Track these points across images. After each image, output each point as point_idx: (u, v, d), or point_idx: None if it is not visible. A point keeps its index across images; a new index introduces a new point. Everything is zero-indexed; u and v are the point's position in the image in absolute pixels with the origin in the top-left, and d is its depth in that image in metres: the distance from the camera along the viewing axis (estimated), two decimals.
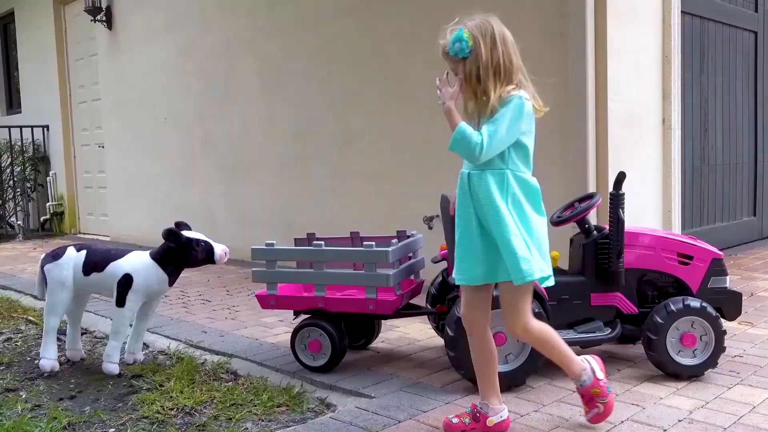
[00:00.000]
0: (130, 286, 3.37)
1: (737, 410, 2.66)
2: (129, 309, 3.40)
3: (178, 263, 3.42)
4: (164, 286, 3.46)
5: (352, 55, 5.69)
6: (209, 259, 3.39)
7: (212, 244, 3.40)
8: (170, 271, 3.42)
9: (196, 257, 3.37)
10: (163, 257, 3.40)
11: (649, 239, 3.25)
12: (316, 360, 3.28)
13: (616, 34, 4.40)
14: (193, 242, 3.36)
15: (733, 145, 6.54)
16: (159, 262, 3.40)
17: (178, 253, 3.38)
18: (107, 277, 3.42)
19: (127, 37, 8.22)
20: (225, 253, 3.39)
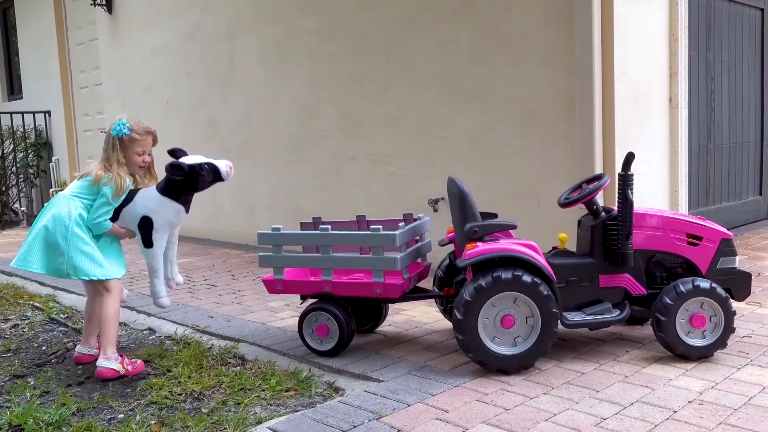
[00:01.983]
0: (151, 226, 3.34)
1: (747, 391, 2.65)
2: (157, 247, 3.39)
3: (187, 191, 3.36)
4: (182, 215, 3.40)
5: (355, 37, 5.63)
6: (217, 179, 3.35)
7: (215, 163, 3.33)
8: (183, 200, 3.36)
9: (204, 181, 3.32)
10: (173, 190, 3.33)
11: (657, 220, 3.23)
12: (324, 344, 3.27)
13: (623, 13, 4.34)
14: (196, 168, 3.29)
15: (740, 123, 6.48)
16: (170, 196, 3.33)
17: (185, 183, 3.31)
18: (125, 222, 3.38)
19: (128, 21, 8.16)
20: (230, 168, 3.35)
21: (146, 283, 5.12)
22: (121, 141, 3.28)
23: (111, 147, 3.29)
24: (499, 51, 4.70)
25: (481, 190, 4.54)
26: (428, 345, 3.40)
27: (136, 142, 3.31)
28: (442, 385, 2.84)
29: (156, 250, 3.39)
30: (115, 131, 3.28)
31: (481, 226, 3.04)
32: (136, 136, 3.30)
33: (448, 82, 5.02)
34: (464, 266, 3.02)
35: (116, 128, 3.28)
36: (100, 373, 3.24)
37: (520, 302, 2.92)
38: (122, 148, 3.29)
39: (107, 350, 3.29)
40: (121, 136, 3.27)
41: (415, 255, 3.38)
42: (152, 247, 3.38)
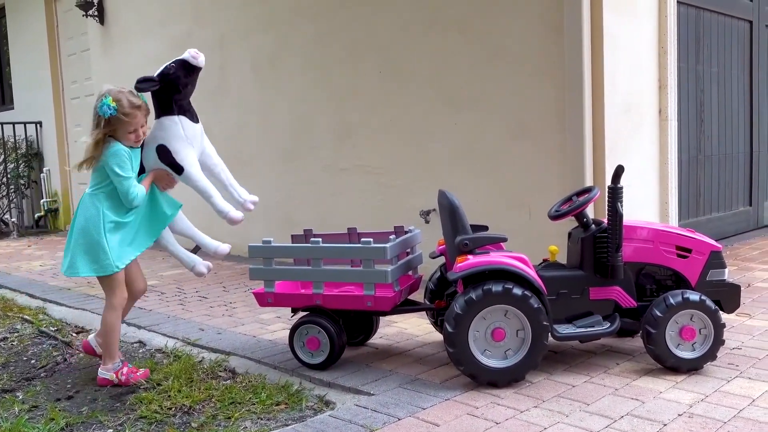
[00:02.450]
0: (168, 151, 3.26)
1: (737, 403, 2.66)
2: (189, 165, 3.29)
3: (174, 98, 3.25)
4: (191, 126, 3.30)
5: (347, 47, 5.65)
6: (190, 69, 3.24)
7: (178, 59, 3.24)
8: (178, 111, 3.26)
9: (179, 77, 3.22)
10: (162, 106, 3.26)
11: (647, 232, 3.24)
12: (315, 357, 3.27)
13: (613, 25, 4.38)
14: (164, 73, 3.22)
15: (729, 134, 6.53)
16: (164, 113, 3.26)
17: (165, 91, 3.23)
18: (151, 163, 3.32)
19: (120, 32, 8.16)
20: (195, 52, 3.23)
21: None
22: (107, 121, 3.11)
23: (95, 124, 3.14)
24: (490, 62, 4.73)
25: (473, 202, 4.56)
26: (419, 358, 3.39)
27: (123, 123, 3.13)
28: (433, 398, 2.84)
29: (189, 170, 3.28)
30: (100, 111, 3.10)
31: (471, 239, 3.04)
32: (123, 117, 3.11)
33: (440, 93, 5.04)
34: (455, 279, 3.02)
35: (102, 108, 3.10)
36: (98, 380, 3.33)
37: (510, 315, 2.92)
38: (108, 126, 3.11)
39: (105, 361, 3.33)
40: (107, 116, 3.10)
41: (406, 267, 3.38)
42: (184, 170, 3.28)
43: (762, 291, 4.40)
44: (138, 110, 3.18)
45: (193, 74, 3.28)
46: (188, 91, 3.32)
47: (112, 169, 3.16)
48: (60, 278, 6.02)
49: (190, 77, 3.28)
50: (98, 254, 3.22)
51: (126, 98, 3.15)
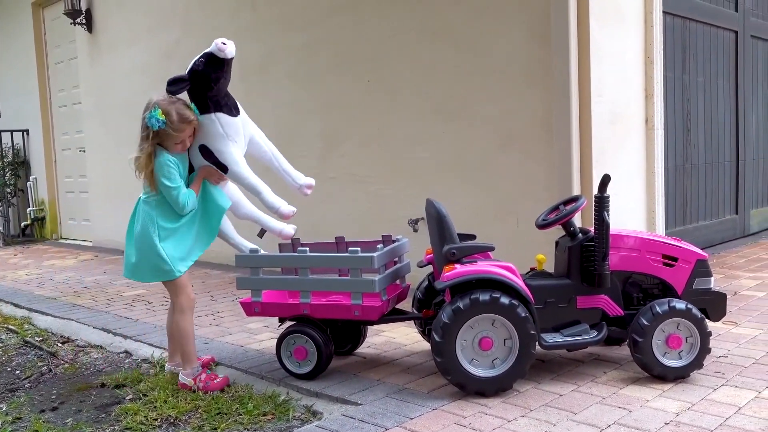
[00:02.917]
0: (210, 151, 3.21)
1: (723, 412, 2.67)
2: (233, 163, 3.21)
3: (207, 95, 3.16)
4: (229, 121, 3.21)
5: (336, 56, 5.66)
6: (217, 63, 3.12)
7: (206, 52, 3.12)
8: (213, 106, 3.18)
9: (208, 72, 3.10)
10: (198, 105, 3.19)
11: (633, 241, 3.25)
12: (302, 367, 3.25)
13: (599, 35, 4.41)
14: (193, 70, 3.12)
15: (715, 143, 6.58)
16: (201, 112, 3.19)
17: (195, 88, 3.15)
18: (199, 162, 3.27)
19: (108, 40, 8.14)
20: (222, 43, 3.09)
21: (124, 305, 5.09)
22: (156, 132, 3.08)
23: (144, 136, 3.12)
24: (478, 72, 4.74)
25: (461, 211, 4.56)
26: (407, 367, 3.38)
27: (171, 136, 3.11)
28: (421, 408, 2.83)
29: (234, 168, 3.21)
30: (149, 122, 3.06)
31: (458, 248, 3.04)
32: (171, 132, 3.09)
33: (428, 102, 5.05)
34: (442, 288, 3.02)
35: (150, 120, 3.05)
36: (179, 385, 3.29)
37: (498, 324, 2.92)
38: (157, 138, 3.10)
39: (185, 365, 3.31)
40: (156, 129, 3.07)
41: (394, 277, 3.37)
42: (229, 170, 3.22)
43: (748, 299, 4.42)
44: (188, 125, 3.15)
45: (224, 67, 3.15)
46: (221, 85, 3.19)
47: (160, 180, 3.14)
48: (46, 287, 5.99)
49: (221, 71, 3.14)
50: (157, 261, 3.21)
51: (175, 111, 3.10)
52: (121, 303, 5.19)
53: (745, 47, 6.91)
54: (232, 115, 3.25)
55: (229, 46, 3.11)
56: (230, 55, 3.14)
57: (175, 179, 3.16)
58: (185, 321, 3.31)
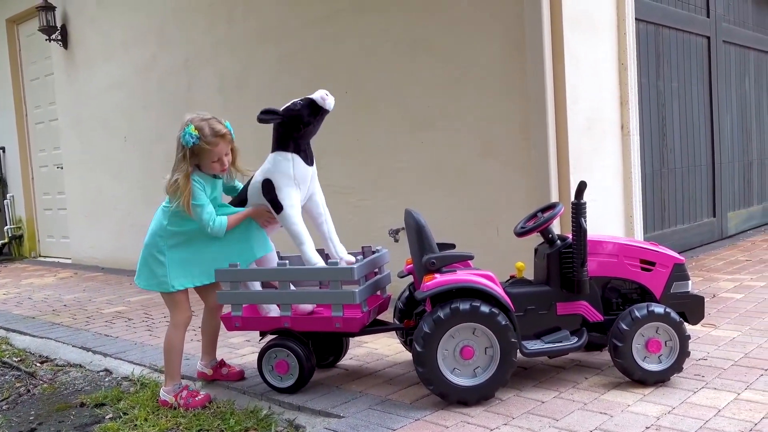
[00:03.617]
0: (273, 187, 3.15)
1: (703, 414, 2.69)
2: (288, 206, 3.15)
3: (293, 136, 3.15)
4: (302, 167, 3.17)
5: (313, 69, 5.67)
6: (316, 110, 3.12)
7: (308, 97, 3.13)
8: (294, 148, 3.16)
9: (303, 115, 3.10)
10: (279, 141, 3.17)
11: (611, 247, 3.28)
12: (284, 381, 3.23)
13: (573, 42, 4.45)
14: (289, 108, 3.12)
15: (691, 147, 6.66)
16: (280, 149, 3.17)
17: (286, 127, 3.13)
18: (255, 199, 3.24)
19: (84, 56, 8.10)
20: (325, 93, 3.11)
21: (104, 323, 5.04)
22: (191, 150, 3.08)
23: (181, 156, 3.11)
24: (455, 82, 4.77)
25: (441, 220, 4.57)
26: (390, 378, 3.38)
27: (207, 151, 3.11)
28: (403, 419, 2.82)
29: (288, 211, 3.14)
30: (183, 140, 3.07)
31: (438, 258, 3.05)
32: (205, 146, 3.09)
33: (407, 112, 5.07)
34: (423, 298, 3.02)
35: (184, 137, 3.06)
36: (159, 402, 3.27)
37: (479, 333, 2.92)
38: (193, 157, 3.10)
39: (166, 382, 3.29)
40: (191, 146, 3.08)
41: (374, 288, 3.37)
42: (283, 209, 3.16)
43: (727, 301, 4.46)
44: (222, 139, 3.13)
45: (319, 116, 3.16)
46: (309, 131, 3.19)
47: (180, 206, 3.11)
48: (24, 307, 5.91)
49: (315, 118, 3.15)
50: (156, 269, 3.21)
51: (208, 126, 3.11)
52: (101, 321, 5.14)
53: (718, 52, 7.01)
54: (307, 163, 3.21)
55: (330, 99, 3.13)
56: (329, 107, 3.15)
57: (201, 197, 3.13)
58: (176, 337, 3.30)
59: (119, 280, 7.09)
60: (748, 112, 7.79)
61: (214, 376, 3.48)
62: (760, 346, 3.50)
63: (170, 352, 3.29)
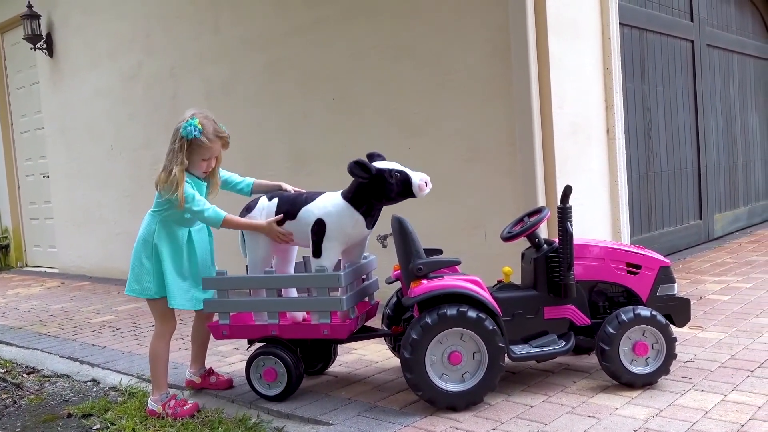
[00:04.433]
0: (323, 232, 3.06)
1: (690, 417, 2.70)
2: (327, 259, 3.08)
3: (371, 200, 3.08)
4: (361, 229, 3.11)
5: (300, 76, 5.67)
6: (407, 192, 3.03)
7: (408, 173, 3.03)
8: (365, 210, 3.08)
9: (392, 190, 3.02)
10: (355, 195, 3.08)
11: (597, 250, 3.29)
12: (272, 389, 3.22)
13: (558, 48, 4.48)
14: (385, 173, 3.01)
15: (677, 151, 6.71)
16: (351, 202, 3.08)
17: (369, 188, 3.04)
18: (301, 224, 3.13)
19: (70, 64, 8.06)
20: (425, 183, 3.02)
21: (91, 332, 5.00)
22: (189, 142, 3.09)
23: (178, 147, 3.09)
24: (441, 88, 4.79)
25: (429, 225, 4.58)
26: (378, 384, 3.37)
27: (204, 147, 3.13)
28: (393, 425, 2.82)
29: (324, 262, 3.07)
30: (184, 131, 3.07)
31: (425, 263, 3.05)
32: (205, 141, 3.11)
33: (393, 119, 5.08)
34: (410, 304, 3.02)
35: (186, 128, 3.07)
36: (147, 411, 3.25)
37: (466, 338, 2.93)
38: (188, 150, 3.11)
39: (154, 391, 3.28)
40: (191, 138, 3.08)
41: (362, 294, 3.36)
42: (320, 260, 3.09)
43: (714, 303, 4.49)
44: (220, 140, 3.18)
45: (406, 196, 3.09)
46: (385, 203, 3.14)
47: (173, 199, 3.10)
48: (10, 317, 5.87)
49: (400, 198, 3.10)
50: (142, 275, 3.21)
51: (211, 125, 3.15)
52: (88, 330, 5.11)
53: (702, 56, 7.07)
54: (367, 227, 3.16)
55: (427, 190, 3.07)
56: (420, 195, 3.09)
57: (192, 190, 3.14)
58: (159, 346, 3.29)
59: (107, 289, 7.05)
60: (732, 115, 7.86)
61: (202, 385, 3.47)
62: (746, 347, 3.53)
63: (155, 361, 3.28)
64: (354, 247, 3.28)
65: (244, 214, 3.31)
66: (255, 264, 3.27)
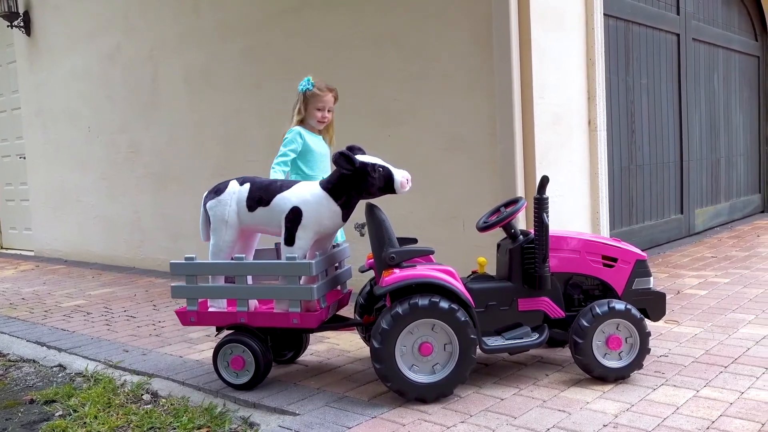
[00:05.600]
0: (299, 221, 3.01)
1: (661, 412, 2.67)
2: (299, 248, 3.03)
3: (351, 193, 3.06)
4: (337, 220, 3.09)
5: (280, 62, 5.57)
6: (388, 188, 3.02)
7: (391, 169, 3.03)
8: (343, 202, 3.06)
9: (373, 185, 3.01)
10: (335, 186, 3.05)
11: (574, 242, 3.25)
12: (240, 377, 3.16)
13: (541, 37, 4.42)
14: (369, 167, 3.00)
15: (660, 144, 6.68)
16: (330, 192, 3.05)
17: (351, 180, 3.02)
18: (274, 211, 3.07)
19: (48, 44, 7.90)
20: (407, 180, 3.02)
21: (61, 317, 4.91)
22: (304, 96, 3.70)
23: (297, 101, 3.76)
24: (422, 76, 4.72)
25: (407, 215, 4.53)
26: (349, 374, 3.32)
27: (316, 97, 3.70)
28: (360, 416, 2.76)
29: (296, 251, 3.03)
30: (301, 87, 3.71)
31: (398, 252, 2.99)
32: (317, 91, 3.69)
33: (374, 107, 5.00)
34: (381, 293, 2.96)
35: (302, 84, 3.71)
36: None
37: (438, 329, 2.88)
38: (305, 103, 3.72)
39: None
40: (305, 91, 3.69)
41: (334, 283, 3.30)
42: (292, 246, 3.05)
43: (691, 297, 4.47)
44: (330, 92, 3.75)
45: (386, 192, 3.08)
46: (364, 197, 3.13)
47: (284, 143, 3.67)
48: None
49: (380, 193, 3.08)
50: None
51: (322, 82, 3.76)
52: (59, 314, 5.01)
53: (687, 50, 7.04)
54: (341, 218, 3.13)
55: (408, 187, 3.08)
56: (401, 192, 3.08)
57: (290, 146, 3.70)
58: None
59: (81, 273, 6.94)
60: (716, 109, 7.85)
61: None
62: (721, 342, 3.50)
63: None
64: (325, 238, 3.23)
65: (212, 196, 3.22)
66: (219, 248, 3.19)
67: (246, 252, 3.34)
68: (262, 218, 3.14)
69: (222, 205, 3.18)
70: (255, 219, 3.16)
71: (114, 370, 3.65)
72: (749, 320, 3.89)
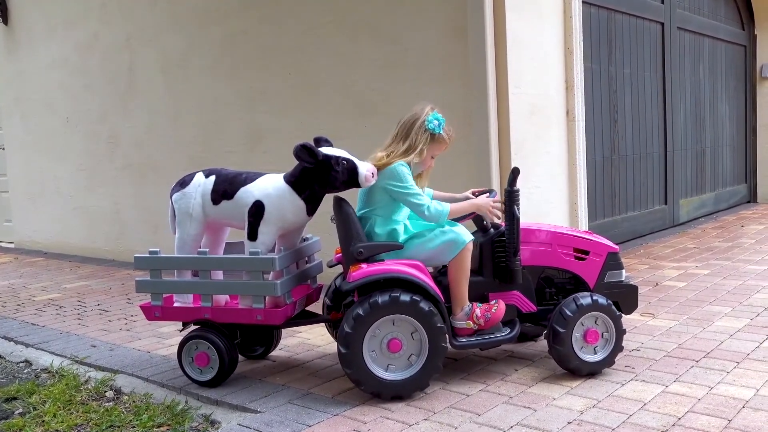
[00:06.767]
0: (261, 215, 2.94)
1: (628, 408, 2.62)
2: (262, 243, 2.96)
3: (315, 187, 2.97)
4: (301, 215, 3.01)
5: (257, 50, 5.49)
6: (352, 181, 2.92)
7: (355, 162, 2.93)
8: (307, 196, 2.97)
9: (336, 178, 2.92)
10: (298, 180, 2.96)
11: (545, 235, 3.19)
12: (204, 374, 3.10)
13: (517, 26, 4.34)
14: (332, 160, 2.90)
15: (643, 135, 6.63)
16: (294, 186, 2.97)
17: (314, 174, 2.93)
18: (238, 204, 3.00)
19: (25, 33, 7.78)
20: (371, 173, 2.90)
21: (33, 311, 4.84)
22: (431, 137, 2.99)
23: (415, 134, 2.98)
24: (399, 65, 4.64)
25: None
26: (316, 370, 3.26)
27: (441, 144, 3.05)
28: (321, 414, 2.71)
29: (259, 246, 2.96)
30: (431, 124, 2.98)
31: (366, 247, 2.93)
32: (446, 138, 3.04)
33: (350, 95, 4.93)
34: (348, 289, 2.90)
35: (432, 122, 2.98)
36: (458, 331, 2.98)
37: (398, 322, 2.80)
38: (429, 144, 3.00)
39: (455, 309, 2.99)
40: (434, 132, 2.99)
41: (302, 278, 3.24)
42: (255, 242, 2.97)
43: (668, 290, 4.43)
44: (450, 140, 3.09)
45: (351, 186, 2.97)
46: (329, 191, 3.03)
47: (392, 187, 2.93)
48: None
49: (344, 186, 2.97)
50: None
51: (450, 127, 3.07)
52: (31, 308, 4.94)
53: (672, 39, 6.98)
54: (307, 213, 3.05)
55: (372, 181, 2.93)
56: (365, 185, 2.95)
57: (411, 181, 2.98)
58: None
59: (60, 265, 6.86)
60: (701, 99, 7.80)
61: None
62: (694, 336, 3.46)
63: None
64: (292, 233, 3.16)
65: (178, 189, 3.15)
66: (184, 242, 3.12)
67: (215, 245, 3.27)
68: (227, 211, 3.07)
69: (187, 198, 3.11)
70: (220, 212, 3.10)
71: (80, 366, 3.58)
72: (725, 313, 3.85)
